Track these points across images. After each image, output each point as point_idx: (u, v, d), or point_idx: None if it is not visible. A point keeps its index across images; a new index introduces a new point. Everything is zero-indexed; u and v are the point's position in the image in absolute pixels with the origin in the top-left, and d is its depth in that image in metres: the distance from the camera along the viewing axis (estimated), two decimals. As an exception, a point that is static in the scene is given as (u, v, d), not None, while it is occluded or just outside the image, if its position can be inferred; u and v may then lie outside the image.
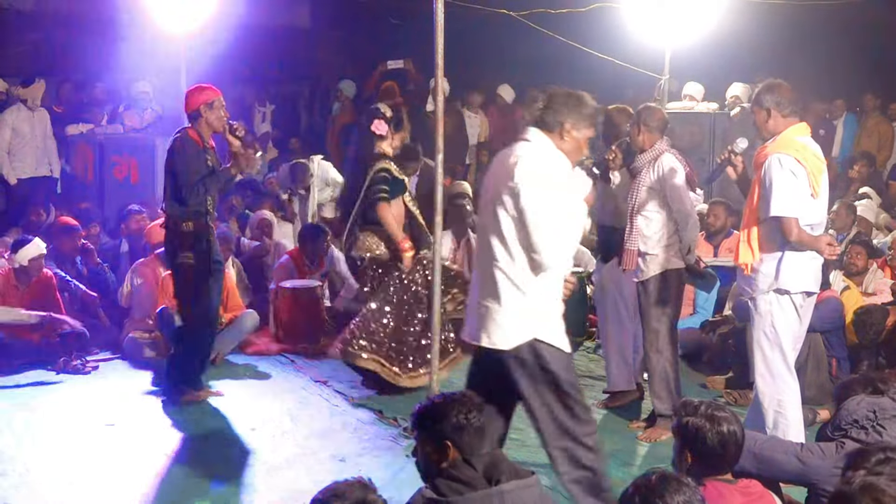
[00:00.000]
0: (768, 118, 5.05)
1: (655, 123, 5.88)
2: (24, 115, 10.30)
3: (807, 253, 4.99)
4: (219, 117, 6.25)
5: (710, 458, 3.47)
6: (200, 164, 6.19)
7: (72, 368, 7.07)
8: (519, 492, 3.20)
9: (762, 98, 5.07)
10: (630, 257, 5.83)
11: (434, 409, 3.35)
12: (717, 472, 3.47)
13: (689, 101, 10.60)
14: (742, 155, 5.33)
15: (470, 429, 3.27)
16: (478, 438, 3.29)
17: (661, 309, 5.84)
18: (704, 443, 3.44)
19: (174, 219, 6.21)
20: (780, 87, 5.08)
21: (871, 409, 4.16)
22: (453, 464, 3.27)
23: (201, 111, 6.21)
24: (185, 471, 5.33)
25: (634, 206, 5.82)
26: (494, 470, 3.25)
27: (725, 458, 3.48)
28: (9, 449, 5.61)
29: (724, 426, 3.46)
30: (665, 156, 5.82)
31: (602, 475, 4.32)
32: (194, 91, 6.33)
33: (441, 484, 3.24)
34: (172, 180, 6.20)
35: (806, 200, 4.94)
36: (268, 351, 7.67)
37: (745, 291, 5.17)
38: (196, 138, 6.21)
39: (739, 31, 9.86)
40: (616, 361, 6.43)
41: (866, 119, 11.89)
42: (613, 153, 6.13)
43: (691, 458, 3.48)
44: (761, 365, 5.09)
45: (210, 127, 6.26)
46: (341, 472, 4.94)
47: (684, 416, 3.51)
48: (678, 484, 2.92)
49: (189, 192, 6.11)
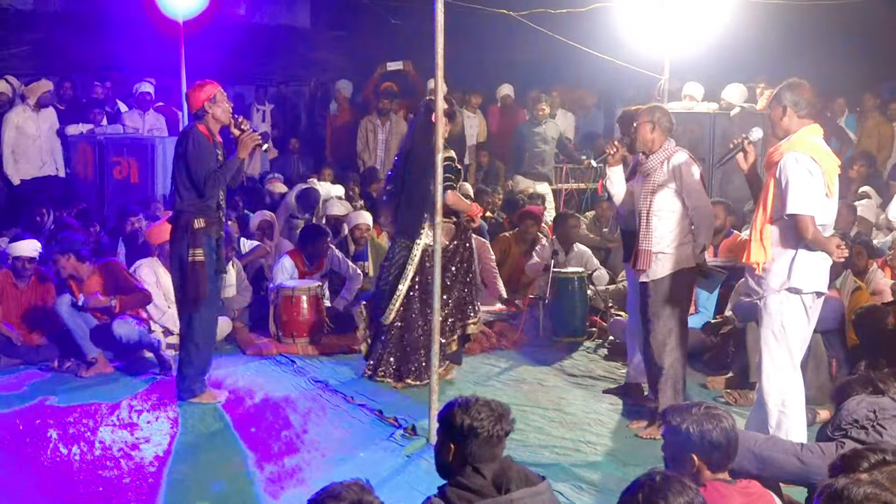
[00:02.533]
0: (783, 116, 5.05)
1: (667, 124, 5.89)
2: (29, 115, 10.34)
3: (818, 253, 4.99)
4: (224, 110, 6.24)
5: (716, 455, 3.44)
6: (213, 157, 6.18)
7: (68, 369, 7.07)
8: (529, 499, 3.20)
9: (782, 95, 5.07)
10: (646, 257, 5.83)
11: (450, 411, 3.36)
12: (721, 470, 3.46)
13: (689, 101, 10.59)
14: (755, 144, 5.32)
15: (477, 438, 3.27)
16: (486, 447, 3.28)
17: (674, 308, 5.84)
18: (711, 442, 3.42)
19: (185, 215, 6.17)
20: (802, 87, 5.07)
21: (872, 409, 4.15)
22: (462, 471, 3.27)
23: (206, 108, 6.20)
24: (184, 471, 5.32)
25: (648, 206, 5.81)
26: (504, 478, 3.24)
27: (730, 453, 3.47)
28: (9, 449, 5.60)
29: (725, 422, 3.46)
30: (679, 154, 5.82)
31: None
32: (195, 90, 6.30)
33: (450, 492, 3.24)
34: (184, 175, 6.15)
35: (821, 200, 4.94)
36: (268, 351, 7.67)
37: (755, 291, 5.14)
38: (206, 133, 6.20)
39: (739, 31, 9.84)
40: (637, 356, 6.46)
41: (866, 119, 11.88)
42: (615, 147, 6.12)
43: (699, 460, 3.44)
44: (768, 364, 5.08)
45: (217, 121, 6.25)
46: (341, 473, 4.95)
47: (681, 423, 3.47)
48: (681, 485, 2.92)
49: (206, 183, 6.09)
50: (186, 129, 6.26)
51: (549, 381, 7.09)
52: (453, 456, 3.31)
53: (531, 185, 11.20)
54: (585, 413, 6.39)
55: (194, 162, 6.11)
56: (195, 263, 6.16)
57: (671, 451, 3.56)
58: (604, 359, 7.71)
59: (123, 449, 5.63)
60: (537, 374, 7.26)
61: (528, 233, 9.12)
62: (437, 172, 5.61)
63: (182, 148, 6.17)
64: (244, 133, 6.20)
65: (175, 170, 6.25)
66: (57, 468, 5.34)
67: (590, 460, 5.56)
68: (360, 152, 11.95)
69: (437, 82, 5.58)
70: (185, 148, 6.14)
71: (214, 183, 6.14)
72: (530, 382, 7.03)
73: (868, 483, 2.75)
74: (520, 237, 9.27)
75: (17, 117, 10.33)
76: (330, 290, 8.57)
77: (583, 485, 5.16)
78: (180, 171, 6.19)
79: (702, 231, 5.87)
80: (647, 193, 5.83)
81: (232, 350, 7.75)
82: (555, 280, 8.17)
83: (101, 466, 5.37)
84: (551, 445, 5.76)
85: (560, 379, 7.18)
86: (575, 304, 8.15)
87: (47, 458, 5.48)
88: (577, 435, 5.98)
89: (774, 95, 5.15)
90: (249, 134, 6.21)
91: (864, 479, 2.82)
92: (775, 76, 5.38)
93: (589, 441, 5.87)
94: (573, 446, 5.78)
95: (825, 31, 11.58)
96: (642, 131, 5.87)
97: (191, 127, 6.26)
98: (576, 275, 8.19)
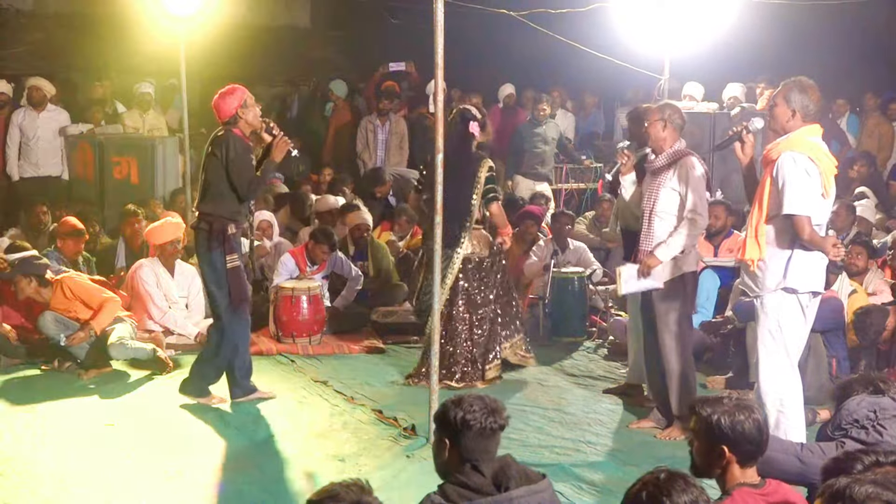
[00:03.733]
0: (791, 118, 5.02)
1: (679, 121, 5.85)
2: (31, 115, 10.35)
3: (815, 252, 4.99)
4: (255, 115, 6.19)
5: (748, 448, 3.34)
6: (251, 162, 6.16)
7: (68, 369, 7.07)
8: (528, 497, 3.19)
9: (792, 96, 5.02)
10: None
11: (443, 407, 3.36)
12: (751, 464, 3.35)
13: (689, 101, 10.59)
14: (754, 135, 5.30)
15: (470, 431, 3.26)
16: (480, 441, 3.26)
17: (679, 311, 5.82)
18: (743, 433, 3.31)
19: (220, 221, 6.10)
20: (812, 90, 5.05)
21: (872, 408, 4.15)
22: (461, 469, 3.26)
23: (238, 114, 6.13)
24: (184, 471, 5.32)
25: (652, 207, 5.79)
26: (503, 476, 3.24)
27: (762, 446, 3.37)
28: (9, 449, 5.60)
29: (757, 414, 3.36)
30: (689, 158, 5.76)
31: None
32: (225, 96, 6.17)
33: (449, 490, 3.24)
34: (224, 181, 6.07)
35: (817, 200, 4.94)
36: (268, 351, 7.67)
37: (751, 289, 5.14)
38: (243, 137, 6.16)
39: (739, 30, 9.84)
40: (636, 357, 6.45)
41: (866, 119, 11.88)
42: (626, 156, 6.10)
43: (729, 453, 3.32)
44: (765, 364, 5.08)
45: (249, 126, 6.19)
46: (341, 473, 4.96)
47: (713, 414, 3.35)
48: (685, 483, 2.90)
49: (249, 187, 6.07)
50: (222, 134, 6.13)
51: (549, 381, 7.09)
52: (450, 453, 3.30)
53: (531, 185, 11.21)
54: (585, 413, 6.39)
55: (235, 167, 6.04)
56: (234, 269, 6.13)
57: (700, 444, 3.42)
58: (604, 359, 7.71)
59: (122, 449, 5.63)
60: (537, 374, 7.26)
61: (527, 233, 9.10)
62: (438, 173, 5.60)
63: (221, 153, 6.06)
64: (276, 137, 6.17)
65: (210, 176, 6.14)
66: (56, 468, 5.34)
67: (590, 460, 5.56)
68: (360, 153, 11.94)
69: (437, 82, 5.58)
70: (225, 154, 6.05)
71: (256, 187, 6.16)
72: (530, 382, 7.03)
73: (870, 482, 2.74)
74: (519, 237, 9.26)
75: (19, 118, 10.36)
76: (330, 290, 8.57)
77: (583, 485, 5.15)
78: (218, 177, 6.09)
79: (684, 233, 5.71)
80: (651, 193, 5.81)
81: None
82: (555, 280, 8.17)
83: (100, 466, 5.37)
84: (551, 445, 5.75)
85: (560, 379, 7.18)
86: (575, 304, 8.16)
87: (46, 459, 5.48)
88: (577, 435, 5.97)
89: (782, 94, 5.07)
90: (282, 138, 6.17)
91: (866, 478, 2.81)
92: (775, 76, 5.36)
93: (589, 441, 5.87)
94: (573, 446, 5.77)
95: (825, 31, 11.57)
96: (654, 129, 5.82)
97: (227, 132, 6.13)
98: (576, 275, 8.19)
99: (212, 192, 6.15)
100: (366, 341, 7.97)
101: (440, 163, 5.60)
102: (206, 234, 6.17)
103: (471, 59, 12.86)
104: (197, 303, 7.95)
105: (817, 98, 5.06)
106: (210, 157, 6.14)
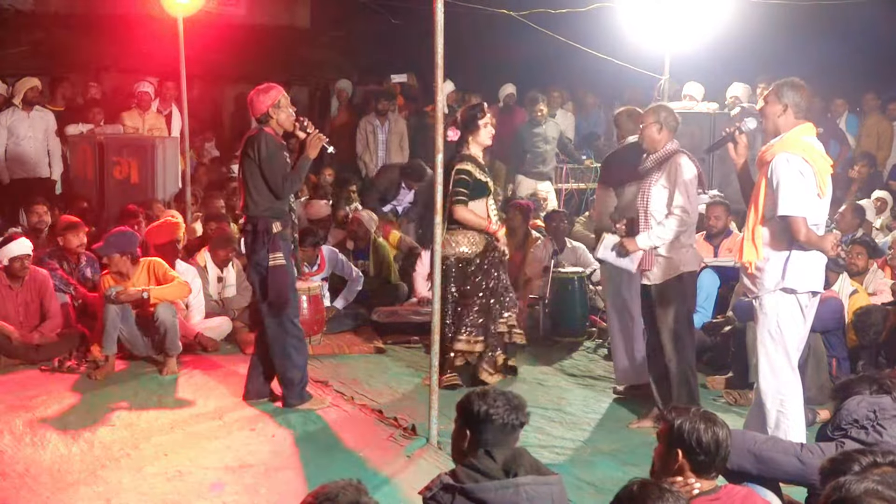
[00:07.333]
0: (782, 114, 5.04)
1: (674, 123, 5.87)
2: (21, 116, 10.29)
3: (813, 252, 4.99)
4: (288, 116, 6.16)
5: (701, 459, 3.43)
6: (284, 160, 6.13)
7: (68, 368, 7.08)
8: (536, 486, 3.23)
9: (784, 92, 5.04)
10: (647, 257, 5.81)
11: (468, 398, 3.44)
12: (704, 475, 3.44)
13: (689, 101, 10.59)
14: (747, 135, 5.31)
15: (492, 425, 3.34)
16: (500, 435, 3.35)
17: (679, 312, 5.83)
18: (699, 442, 3.41)
19: (263, 221, 6.08)
20: (803, 89, 5.07)
21: (872, 408, 4.15)
22: (475, 454, 3.32)
23: (270, 113, 6.12)
24: (184, 471, 5.32)
25: (645, 206, 5.80)
26: (514, 463, 3.30)
27: (716, 461, 3.45)
28: (9, 449, 5.60)
29: (720, 429, 3.45)
30: (677, 157, 5.78)
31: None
32: (260, 93, 6.15)
33: (460, 472, 3.30)
34: (259, 180, 6.05)
35: (812, 200, 4.94)
36: (268, 351, 7.66)
37: (750, 290, 5.15)
38: (275, 136, 6.14)
39: (739, 30, 9.86)
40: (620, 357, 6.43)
41: (866, 119, 11.88)
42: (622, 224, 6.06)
43: (683, 458, 3.43)
44: (765, 364, 5.08)
45: (281, 127, 6.16)
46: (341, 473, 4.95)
47: (676, 419, 3.48)
48: (660, 491, 2.93)
49: (284, 185, 6.04)
50: (254, 133, 6.11)
51: (549, 381, 7.10)
52: (469, 442, 3.39)
53: (533, 184, 11.22)
54: (585, 413, 6.39)
55: (269, 165, 6.02)
56: (276, 268, 6.08)
57: (660, 446, 3.55)
58: (604, 359, 7.71)
59: (123, 449, 5.63)
60: (537, 373, 7.27)
61: (514, 222, 8.89)
62: (438, 172, 5.61)
63: (254, 152, 6.03)
64: (310, 135, 6.14)
65: (245, 176, 6.11)
66: (56, 468, 5.34)
67: (590, 460, 5.56)
68: (361, 154, 11.92)
69: (437, 82, 5.58)
70: (258, 153, 6.02)
71: (291, 184, 6.13)
72: (530, 382, 7.04)
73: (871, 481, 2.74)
74: (509, 230, 9.10)
75: (7, 119, 10.25)
76: (330, 290, 8.57)
77: (583, 485, 5.16)
78: (253, 177, 6.07)
79: (668, 226, 5.71)
80: (643, 193, 5.84)
81: (232, 350, 7.75)
82: (555, 280, 8.17)
83: (100, 467, 5.37)
84: (551, 445, 5.76)
85: (560, 379, 7.19)
86: (575, 304, 8.16)
87: (46, 459, 5.48)
88: (577, 435, 5.98)
89: (774, 91, 5.10)
90: (316, 134, 6.14)
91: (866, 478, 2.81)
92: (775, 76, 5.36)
93: (589, 441, 5.87)
94: (573, 446, 5.78)
95: (825, 31, 11.57)
96: (649, 132, 5.85)
97: (259, 131, 6.11)
98: (576, 275, 8.19)
99: (251, 192, 6.13)
100: (366, 341, 7.97)
101: (440, 163, 5.60)
102: (252, 236, 6.17)
103: (471, 59, 12.88)
104: (197, 303, 7.94)
105: (807, 97, 5.08)
106: (244, 157, 6.12)
